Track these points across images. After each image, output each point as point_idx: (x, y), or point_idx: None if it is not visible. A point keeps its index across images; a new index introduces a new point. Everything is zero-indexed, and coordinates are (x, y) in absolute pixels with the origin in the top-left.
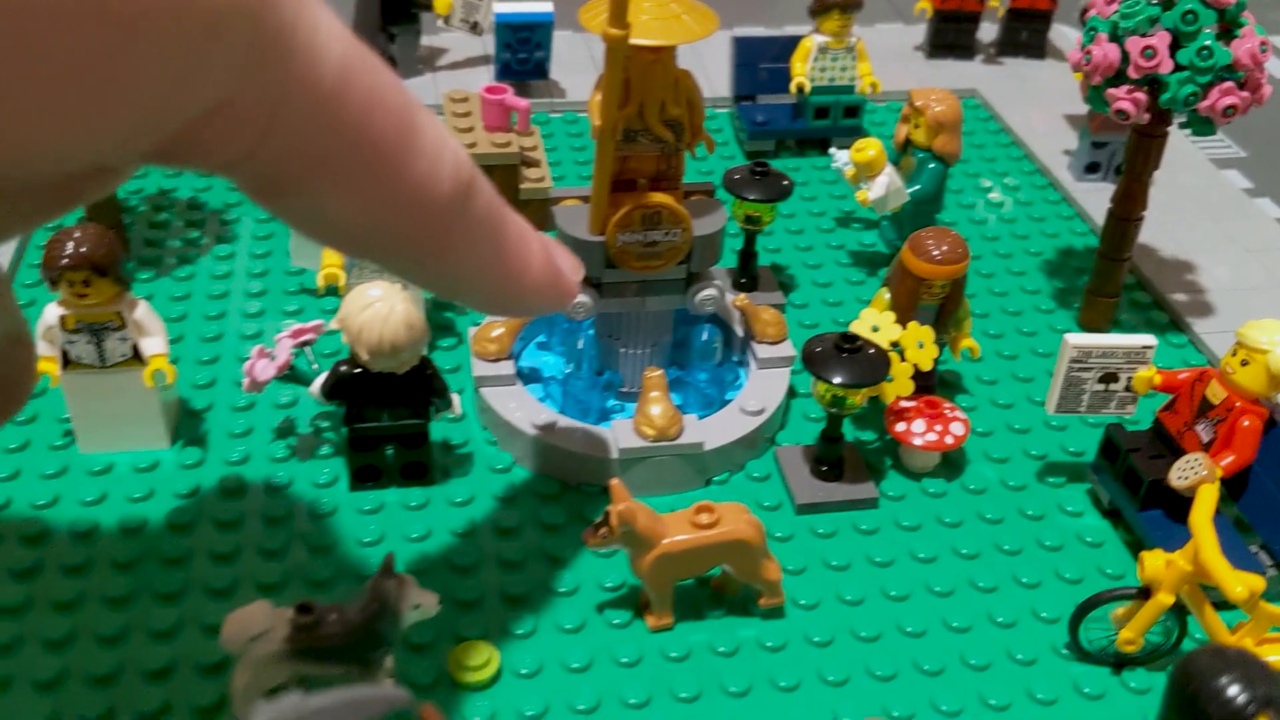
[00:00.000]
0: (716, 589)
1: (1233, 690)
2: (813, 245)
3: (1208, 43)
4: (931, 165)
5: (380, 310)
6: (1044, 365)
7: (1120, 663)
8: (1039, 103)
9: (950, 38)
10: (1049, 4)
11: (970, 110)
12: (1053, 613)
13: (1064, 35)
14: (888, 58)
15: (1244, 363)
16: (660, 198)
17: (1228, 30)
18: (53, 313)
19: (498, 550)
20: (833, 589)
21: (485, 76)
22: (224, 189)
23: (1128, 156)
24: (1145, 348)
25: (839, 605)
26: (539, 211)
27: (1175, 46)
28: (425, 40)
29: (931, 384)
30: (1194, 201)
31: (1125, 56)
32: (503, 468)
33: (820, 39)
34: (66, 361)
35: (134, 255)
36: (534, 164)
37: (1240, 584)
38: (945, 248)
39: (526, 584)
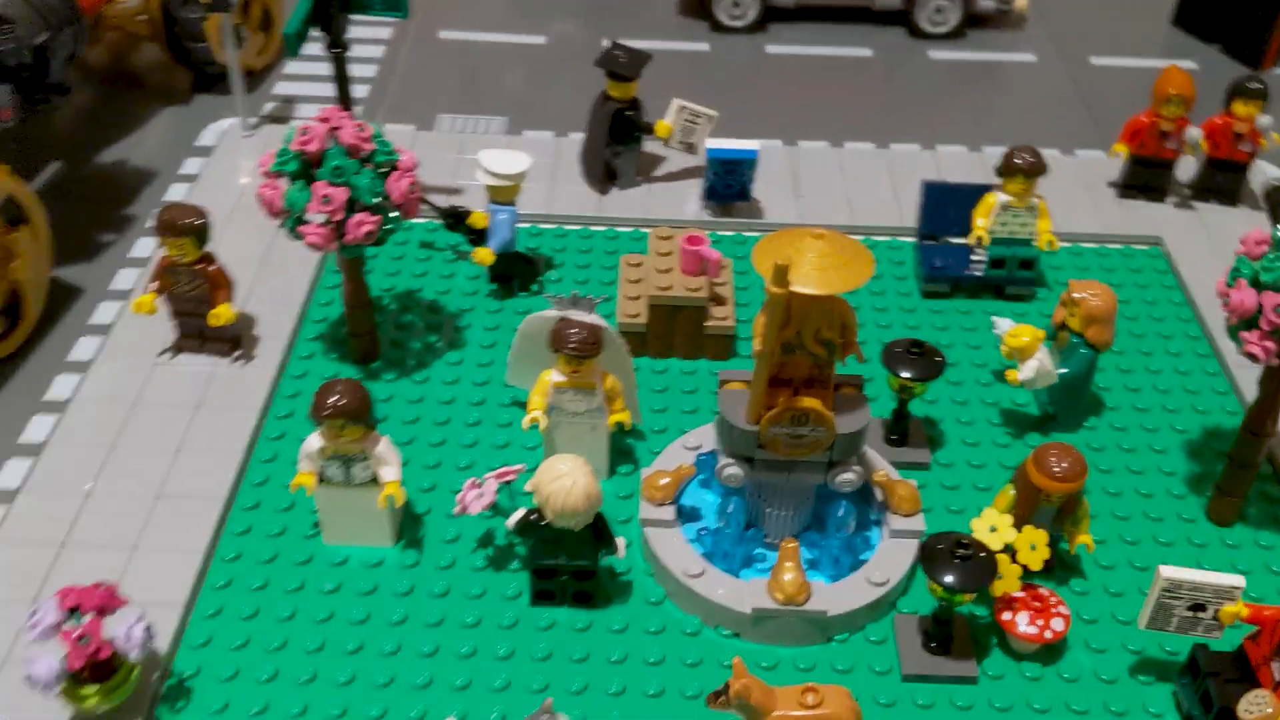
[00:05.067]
0: None
1: None
2: (968, 400)
3: None
4: (1082, 351)
5: (565, 484)
6: (1163, 555)
7: None
8: (1222, 255)
9: (1144, 179)
10: (1246, 157)
11: (1150, 261)
12: None
13: (1260, 177)
14: (1081, 189)
15: None
16: (809, 402)
17: None
18: (314, 442)
19: (642, 682)
20: None
21: (695, 189)
22: (460, 294)
23: (1263, 379)
24: (1234, 588)
25: None
26: (722, 345)
27: None
28: (647, 148)
29: (1051, 564)
30: None
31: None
32: (655, 600)
33: (1004, 198)
34: (321, 478)
35: (381, 355)
36: (721, 302)
37: None
38: (1065, 465)
39: (660, 716)
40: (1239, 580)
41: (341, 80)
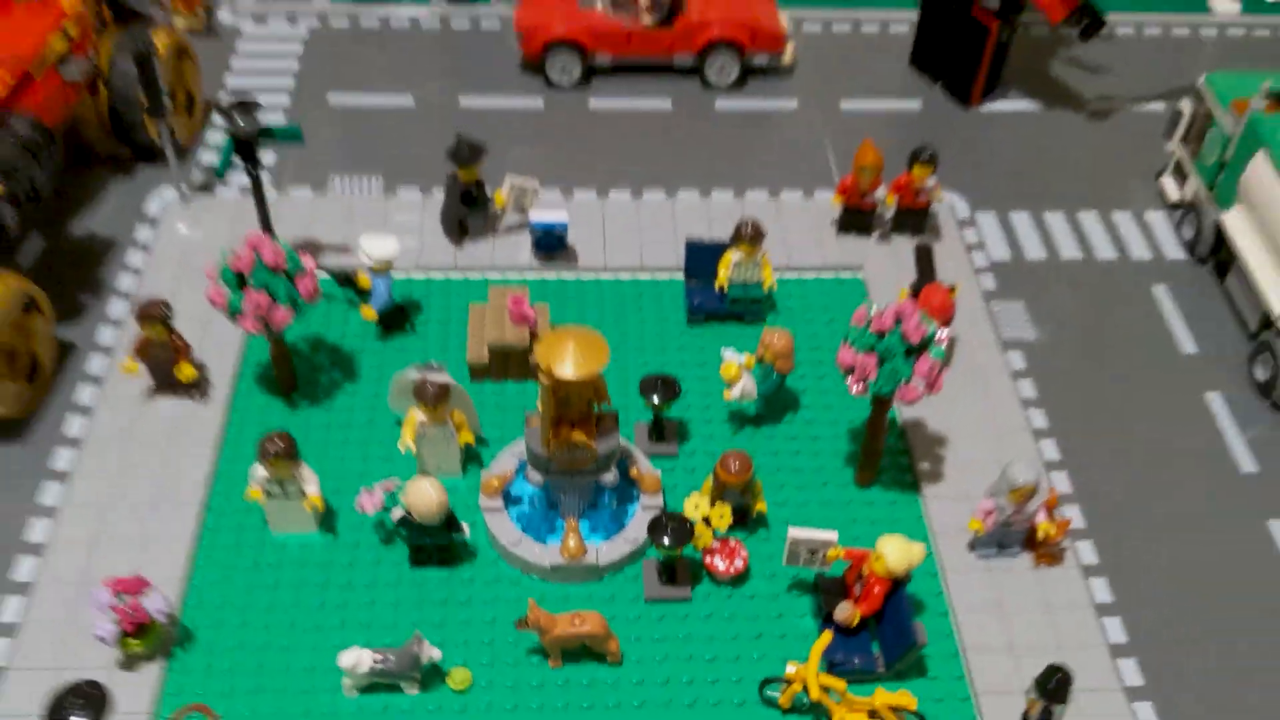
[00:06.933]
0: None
1: None
2: (710, 405)
3: (896, 365)
4: (773, 376)
5: (423, 501)
6: (823, 511)
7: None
8: (907, 275)
9: (853, 221)
10: (925, 204)
11: (853, 286)
12: (754, 675)
13: (948, 209)
14: (810, 228)
15: (876, 558)
16: (578, 435)
17: (922, 347)
18: (259, 471)
19: (481, 612)
20: (654, 649)
21: (526, 241)
22: (353, 336)
23: (871, 409)
24: (830, 541)
25: (651, 662)
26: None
27: (883, 360)
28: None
29: (747, 522)
30: (971, 380)
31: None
32: (491, 560)
33: (737, 256)
34: (266, 493)
35: (299, 387)
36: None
37: (815, 685)
38: (737, 466)
39: (493, 634)
40: (833, 535)
41: (259, 196)
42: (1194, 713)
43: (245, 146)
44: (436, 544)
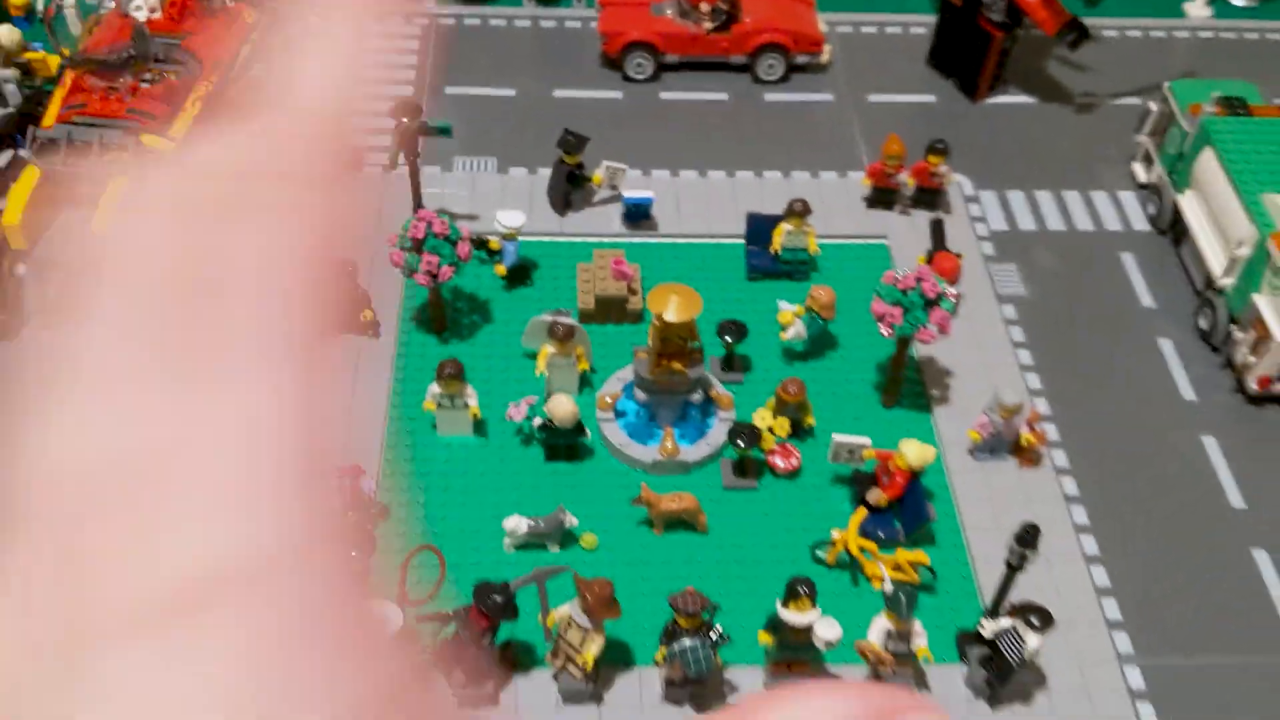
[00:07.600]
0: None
1: None
2: (768, 344)
3: (916, 314)
4: (819, 322)
5: (560, 410)
6: (856, 423)
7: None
8: (921, 247)
9: (880, 198)
10: (940, 185)
11: (879, 251)
12: (806, 542)
13: (956, 187)
14: (843, 203)
15: (899, 455)
16: (676, 364)
17: (936, 301)
18: (435, 388)
19: (602, 493)
20: (730, 523)
21: (617, 213)
22: (488, 286)
23: (895, 348)
24: (865, 444)
25: (728, 531)
26: (636, 316)
27: (906, 310)
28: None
29: (800, 432)
30: (973, 327)
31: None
32: (605, 457)
33: (788, 227)
34: (437, 404)
35: (449, 328)
36: (635, 292)
37: (855, 545)
38: (795, 388)
39: (610, 510)
40: (867, 440)
41: (414, 176)
42: (1135, 572)
43: (411, 140)
44: (567, 443)
